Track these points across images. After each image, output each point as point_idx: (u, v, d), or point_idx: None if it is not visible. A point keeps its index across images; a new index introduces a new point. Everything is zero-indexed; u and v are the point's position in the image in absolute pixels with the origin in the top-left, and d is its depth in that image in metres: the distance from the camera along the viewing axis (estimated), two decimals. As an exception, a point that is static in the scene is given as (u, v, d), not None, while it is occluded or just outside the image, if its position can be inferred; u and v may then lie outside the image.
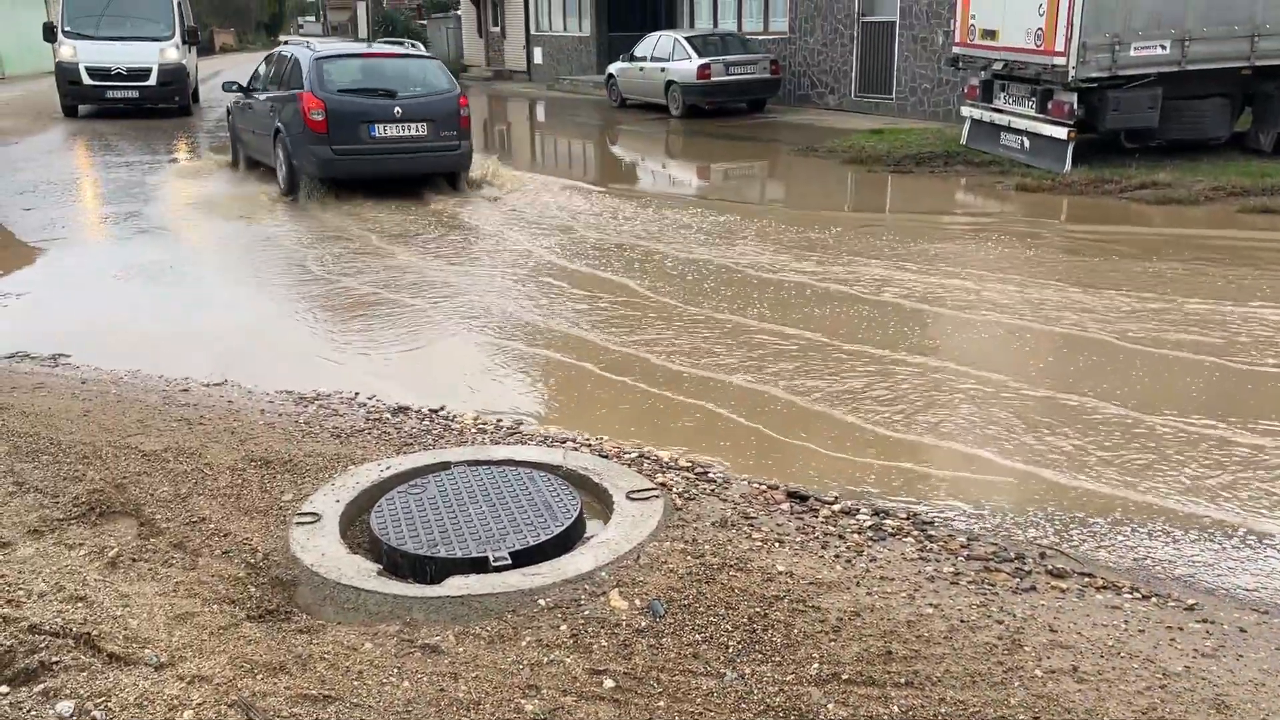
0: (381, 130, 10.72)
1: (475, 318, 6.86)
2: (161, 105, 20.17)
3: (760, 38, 20.51)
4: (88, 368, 5.70)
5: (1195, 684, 2.68)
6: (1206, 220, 9.20)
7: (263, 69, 12.56)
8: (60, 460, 4.03)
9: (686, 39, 19.31)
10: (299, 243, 9.21)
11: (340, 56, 11.58)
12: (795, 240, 8.89)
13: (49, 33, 20.20)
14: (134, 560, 3.24)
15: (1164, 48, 10.71)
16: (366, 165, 10.80)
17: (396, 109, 10.81)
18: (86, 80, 19.31)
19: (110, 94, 19.58)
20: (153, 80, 19.76)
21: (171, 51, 20.07)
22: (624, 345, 6.11)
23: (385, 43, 18.28)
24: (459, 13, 37.98)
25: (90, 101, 19.75)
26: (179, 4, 21.02)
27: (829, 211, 10.64)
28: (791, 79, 19.96)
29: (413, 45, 15.06)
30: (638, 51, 20.66)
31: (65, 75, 19.40)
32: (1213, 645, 2.91)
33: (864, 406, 5.07)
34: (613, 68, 21.97)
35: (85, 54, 19.27)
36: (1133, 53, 10.68)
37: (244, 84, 12.67)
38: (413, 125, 10.89)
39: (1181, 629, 3.01)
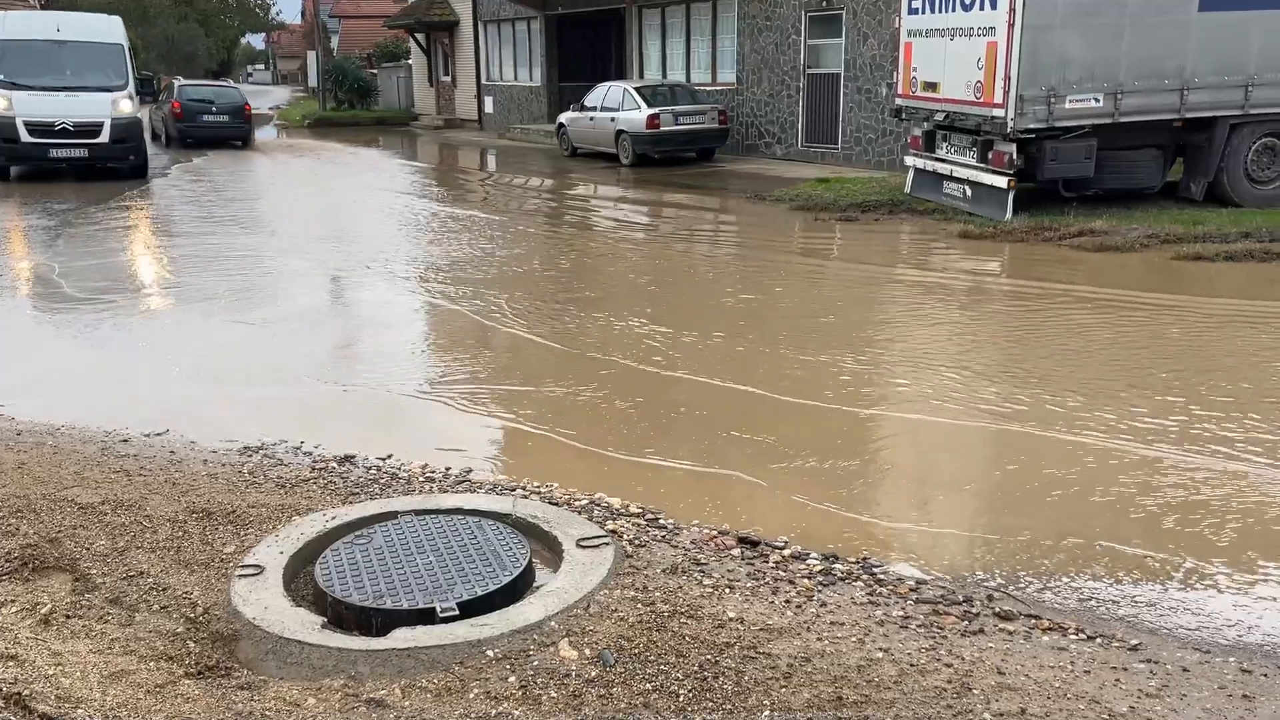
0: (206, 118, 25.16)
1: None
2: (112, 165, 17.80)
3: (709, 88, 20.84)
4: (23, 418, 5.55)
5: (1140, 724, 2.71)
6: (1141, 265, 9.47)
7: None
8: (-8, 514, 3.91)
9: (636, 89, 19.55)
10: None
11: (193, 85, 26.99)
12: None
13: None
14: (68, 617, 3.14)
15: (1098, 100, 11.06)
16: (199, 133, 25.02)
17: (213, 108, 25.28)
18: (25, 137, 16.78)
19: (54, 153, 17.06)
20: (104, 136, 17.24)
21: (125, 103, 17.62)
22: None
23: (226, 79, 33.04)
24: (410, 62, 38.14)
25: (29, 161, 17.33)
26: (129, 50, 18.85)
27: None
28: (739, 129, 20.27)
29: (229, 82, 28.60)
30: (588, 101, 20.86)
31: None
32: (1156, 685, 2.94)
33: (809, 447, 5.11)
34: (563, 117, 22.15)
35: (23, 106, 16.77)
36: (1068, 105, 11.01)
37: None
38: (221, 116, 25.31)
39: (1126, 669, 3.04)
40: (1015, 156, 11.22)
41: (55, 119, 16.89)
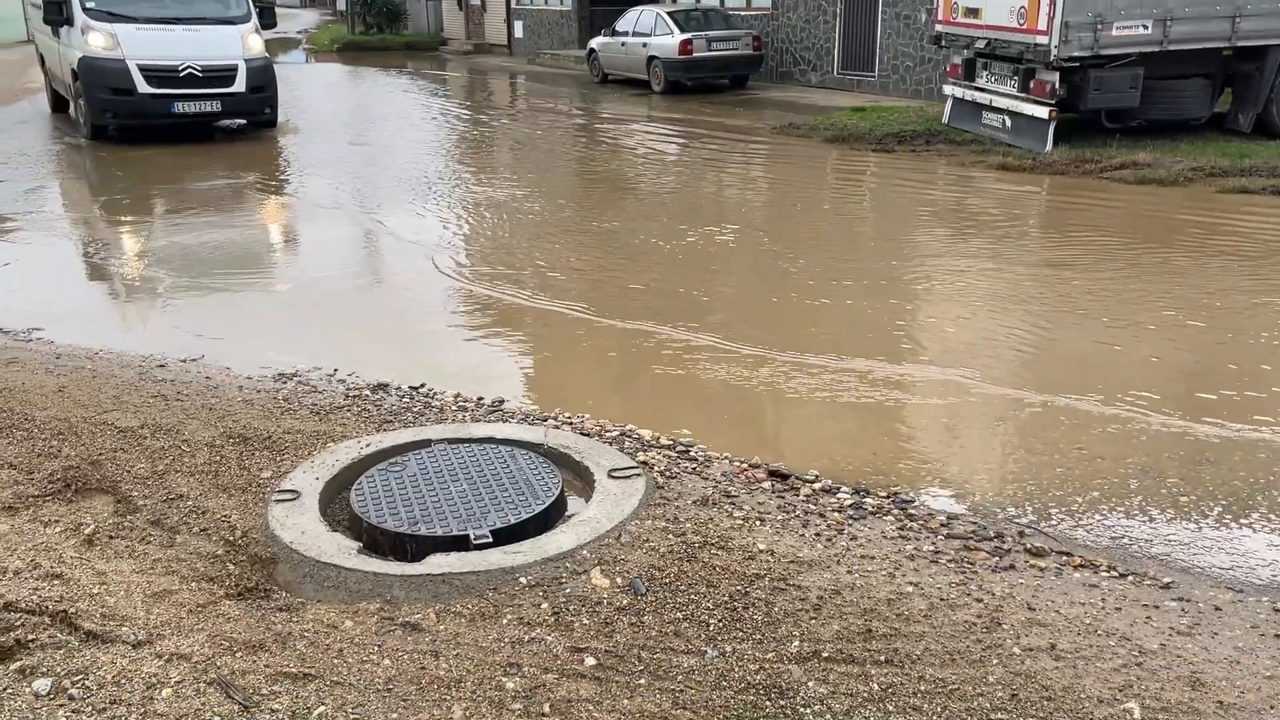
0: None
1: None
2: (246, 120, 13.85)
3: (743, 13, 20.39)
4: (62, 342, 5.63)
5: (1171, 661, 2.71)
6: (1185, 198, 9.25)
7: None
8: (35, 436, 3.98)
9: (669, 14, 19.18)
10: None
11: None
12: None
13: (55, 9, 12.80)
14: (111, 537, 3.21)
15: (1146, 27, 10.72)
16: None
17: None
18: (143, 87, 12.47)
19: (179, 107, 12.75)
20: (240, 84, 13.08)
21: (255, 40, 13.43)
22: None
23: None
24: (440, -15, 37.56)
25: (145, 118, 12.81)
26: None
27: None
28: (774, 55, 19.87)
29: None
30: (619, 26, 20.50)
31: (103, 79, 12.39)
32: (1188, 623, 2.94)
33: (840, 381, 5.09)
34: (594, 42, 21.79)
35: (134, 46, 12.46)
36: (1115, 32, 10.68)
37: None
38: None
39: (1157, 607, 3.03)
40: (1058, 86, 10.93)
41: (179, 61, 12.70)
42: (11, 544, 3.06)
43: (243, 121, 13.92)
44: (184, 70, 12.64)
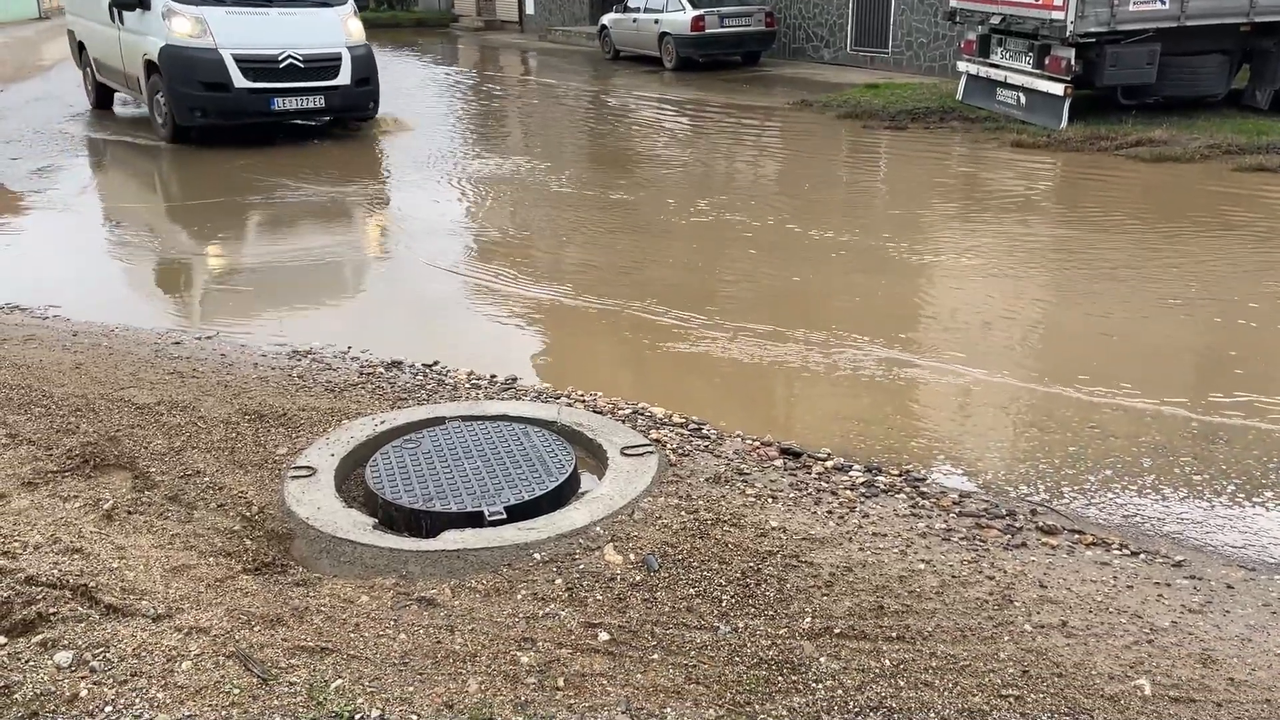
0: None
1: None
2: (347, 115, 12.02)
3: (755, -11, 20.25)
4: (79, 319, 5.67)
5: (1182, 639, 2.72)
6: (1200, 175, 9.18)
7: None
8: (53, 413, 4.02)
9: (681, -11, 19.05)
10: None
11: None
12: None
13: None
14: (129, 513, 3.25)
15: (1164, 3, 10.62)
16: None
17: None
18: (240, 81, 10.74)
19: (279, 104, 11.01)
20: (344, 76, 11.35)
21: (355, 24, 11.83)
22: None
23: None
24: (450, -39, 37.29)
25: (241, 117, 11.09)
26: None
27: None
28: (786, 32, 19.74)
29: None
30: (631, 2, 20.37)
31: (192, 71, 10.65)
32: (1200, 601, 2.95)
33: (855, 357, 5.09)
34: (606, 19, 21.67)
35: (227, 33, 10.77)
36: (1132, 7, 10.58)
37: None
38: None
39: (1169, 585, 3.04)
40: (1073, 62, 10.84)
41: (279, 51, 10.98)
42: (31, 519, 3.10)
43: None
44: (284, 61, 10.91)
